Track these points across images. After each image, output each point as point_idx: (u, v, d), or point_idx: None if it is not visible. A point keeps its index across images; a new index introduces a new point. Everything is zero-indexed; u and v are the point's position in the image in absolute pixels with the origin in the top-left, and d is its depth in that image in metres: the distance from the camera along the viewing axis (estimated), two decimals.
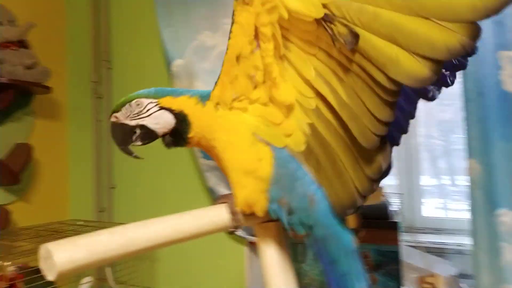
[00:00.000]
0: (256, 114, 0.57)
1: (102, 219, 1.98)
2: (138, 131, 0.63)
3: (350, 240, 0.61)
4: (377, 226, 1.53)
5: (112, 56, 2.03)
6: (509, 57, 1.27)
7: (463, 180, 2.18)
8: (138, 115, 0.63)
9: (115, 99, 2.02)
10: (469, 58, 1.24)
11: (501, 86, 1.26)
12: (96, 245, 0.42)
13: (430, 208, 2.16)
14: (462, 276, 2.07)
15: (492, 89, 1.26)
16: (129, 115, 0.64)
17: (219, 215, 0.57)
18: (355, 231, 0.98)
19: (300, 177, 0.57)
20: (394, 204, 1.68)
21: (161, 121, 0.63)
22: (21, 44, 1.64)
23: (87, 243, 0.41)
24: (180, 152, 1.80)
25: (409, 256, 1.93)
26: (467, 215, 1.39)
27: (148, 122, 0.63)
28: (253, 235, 1.71)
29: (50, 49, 1.96)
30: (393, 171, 0.60)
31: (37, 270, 1.55)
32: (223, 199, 0.61)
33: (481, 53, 1.24)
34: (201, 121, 0.61)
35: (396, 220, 1.56)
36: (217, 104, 0.60)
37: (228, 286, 1.78)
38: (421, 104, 0.66)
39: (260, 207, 0.58)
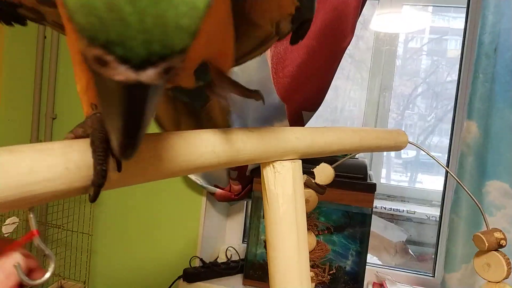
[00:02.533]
0: None
1: None
2: None
3: None
4: (350, 185, 1.43)
5: None
6: None
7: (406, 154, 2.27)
8: None
9: None
10: (490, 7, 1.08)
11: None
12: (8, 170, 0.21)
13: (386, 176, 2.20)
14: (411, 242, 2.12)
15: (510, 48, 1.11)
16: None
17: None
18: (322, 188, 0.85)
19: None
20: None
21: None
22: None
23: None
24: None
25: None
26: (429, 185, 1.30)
27: None
28: (215, 186, 1.55)
29: None
30: None
31: None
32: None
33: (505, 3, 1.09)
34: None
35: (373, 182, 1.46)
36: None
37: (181, 236, 1.63)
38: None
39: None
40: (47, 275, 0.35)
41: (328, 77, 1.32)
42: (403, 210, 2.09)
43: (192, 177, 1.53)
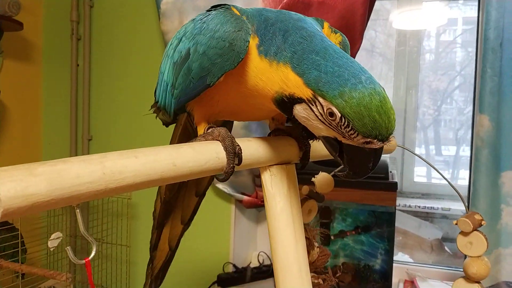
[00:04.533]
0: None
1: None
2: None
3: None
4: (373, 185, 1.46)
5: None
6: None
7: (447, 150, 2.23)
8: None
9: (96, 41, 1.83)
10: (493, 2, 1.11)
11: None
12: (63, 175, 0.29)
13: (419, 174, 2.17)
14: (447, 239, 2.09)
15: None
16: None
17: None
18: (321, 196, 0.89)
19: None
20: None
21: None
22: None
23: (49, 172, 0.29)
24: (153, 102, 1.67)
25: (396, 220, 1.91)
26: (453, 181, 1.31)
27: None
28: (242, 193, 1.62)
29: None
30: None
31: (3, 224, 1.44)
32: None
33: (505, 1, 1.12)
34: None
35: (394, 181, 1.49)
36: None
37: (214, 243, 1.71)
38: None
39: None
40: (92, 254, 0.46)
41: None
42: (438, 207, 2.08)
43: (220, 185, 1.61)
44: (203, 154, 0.43)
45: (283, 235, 0.50)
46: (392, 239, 1.49)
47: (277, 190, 0.51)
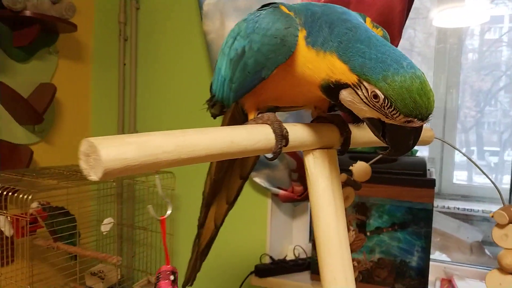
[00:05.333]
0: None
1: None
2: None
3: None
4: (411, 182, 1.47)
5: None
6: None
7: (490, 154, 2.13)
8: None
9: (142, 41, 1.94)
10: None
11: None
12: (149, 144, 0.36)
13: (460, 179, 2.11)
14: (487, 243, 2.05)
15: None
16: None
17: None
18: (358, 185, 0.92)
19: None
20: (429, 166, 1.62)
21: None
22: None
23: (138, 142, 0.35)
24: (196, 99, 1.75)
25: (435, 221, 1.89)
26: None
27: None
28: (278, 187, 1.67)
29: None
30: None
31: (60, 209, 1.56)
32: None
33: None
34: None
35: (432, 178, 1.50)
36: None
37: (251, 235, 1.77)
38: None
39: None
40: (168, 213, 0.56)
41: None
42: (478, 209, 2.04)
43: (257, 179, 1.66)
44: (255, 134, 0.49)
45: (325, 212, 0.55)
46: (429, 236, 1.49)
47: (319, 171, 0.56)
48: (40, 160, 1.77)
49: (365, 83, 0.47)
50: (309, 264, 1.68)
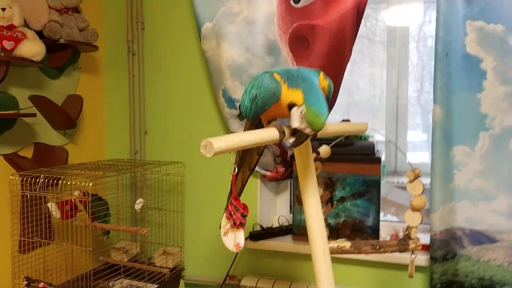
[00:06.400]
0: None
1: (137, 159, 2.38)
2: None
3: None
4: (364, 160, 1.96)
5: (145, 18, 2.31)
6: (473, 26, 1.65)
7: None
8: None
9: (147, 56, 2.35)
10: (441, 26, 1.66)
11: (465, 49, 1.66)
12: (228, 140, 0.82)
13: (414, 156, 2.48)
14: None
15: (457, 51, 1.65)
16: None
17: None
18: (323, 160, 1.42)
19: None
20: (381, 148, 2.10)
21: None
22: (75, 9, 1.94)
23: (224, 139, 0.82)
24: (205, 102, 2.19)
25: (391, 194, 2.41)
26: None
27: None
28: (265, 169, 2.13)
29: (91, 13, 2.24)
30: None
31: (94, 195, 1.95)
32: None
33: (451, 22, 1.65)
34: None
35: (378, 156, 2.00)
36: None
37: None
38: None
39: None
40: (235, 171, 1.01)
41: (337, 89, 1.87)
42: (426, 183, 2.31)
43: None
44: (270, 132, 0.96)
45: (306, 173, 1.03)
46: (379, 201, 1.99)
47: (303, 151, 1.05)
48: (70, 158, 2.17)
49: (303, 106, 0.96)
50: (290, 229, 2.12)
